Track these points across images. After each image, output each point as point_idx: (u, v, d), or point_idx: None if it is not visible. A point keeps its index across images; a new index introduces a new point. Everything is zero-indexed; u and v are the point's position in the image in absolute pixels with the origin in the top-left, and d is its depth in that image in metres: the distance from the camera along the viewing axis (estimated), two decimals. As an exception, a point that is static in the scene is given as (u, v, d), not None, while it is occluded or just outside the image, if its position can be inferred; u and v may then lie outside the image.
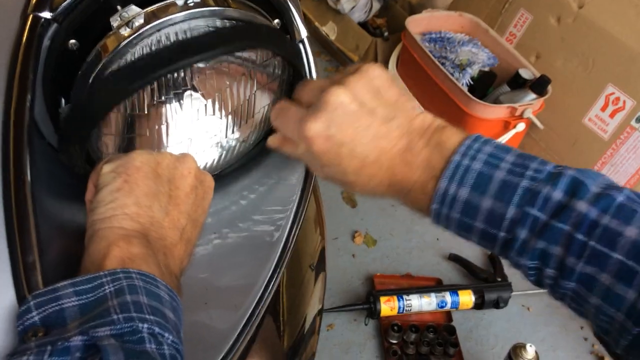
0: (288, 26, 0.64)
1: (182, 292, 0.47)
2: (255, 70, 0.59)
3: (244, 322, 0.57)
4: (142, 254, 0.44)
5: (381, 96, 0.54)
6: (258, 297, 0.58)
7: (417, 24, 2.12)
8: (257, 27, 0.56)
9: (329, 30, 2.48)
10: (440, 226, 0.54)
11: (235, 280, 0.60)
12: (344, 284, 1.70)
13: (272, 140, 0.61)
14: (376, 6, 2.50)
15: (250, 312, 0.58)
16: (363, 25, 2.48)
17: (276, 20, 0.63)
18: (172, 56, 0.51)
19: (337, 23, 2.47)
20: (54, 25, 0.52)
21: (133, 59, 0.52)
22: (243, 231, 0.64)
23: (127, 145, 0.58)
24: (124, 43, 0.52)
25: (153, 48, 0.53)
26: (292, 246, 0.60)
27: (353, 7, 2.42)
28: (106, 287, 0.40)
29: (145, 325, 0.38)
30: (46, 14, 0.51)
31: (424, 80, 2.00)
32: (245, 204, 0.67)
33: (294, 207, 0.62)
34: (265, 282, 0.59)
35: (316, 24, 2.50)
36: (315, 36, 2.51)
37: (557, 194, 0.48)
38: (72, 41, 0.53)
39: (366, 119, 0.53)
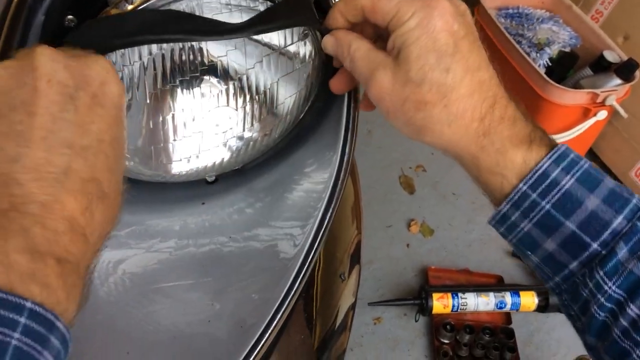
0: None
1: (86, 295, 0.34)
2: (278, 54, 0.51)
3: (253, 341, 0.51)
4: None
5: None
6: (270, 316, 0.51)
7: (493, -2, 1.97)
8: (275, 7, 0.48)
9: (398, 3, 2.35)
10: (500, 220, 0.46)
11: (246, 293, 0.54)
12: (396, 275, 1.61)
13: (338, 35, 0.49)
14: (450, -22, 2.35)
15: (260, 331, 0.51)
16: (435, -2, 2.33)
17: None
18: (167, 26, 0.44)
19: (407, -4, 2.33)
20: (48, -1, 0.46)
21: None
22: (261, 236, 0.57)
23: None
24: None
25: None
26: (312, 261, 0.53)
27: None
28: None
29: None
30: (39, -14, 0.45)
31: (497, 60, 1.82)
32: (267, 204, 0.59)
33: (319, 214, 0.54)
34: (280, 300, 0.52)
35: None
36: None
37: None
38: (70, 17, 0.47)
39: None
